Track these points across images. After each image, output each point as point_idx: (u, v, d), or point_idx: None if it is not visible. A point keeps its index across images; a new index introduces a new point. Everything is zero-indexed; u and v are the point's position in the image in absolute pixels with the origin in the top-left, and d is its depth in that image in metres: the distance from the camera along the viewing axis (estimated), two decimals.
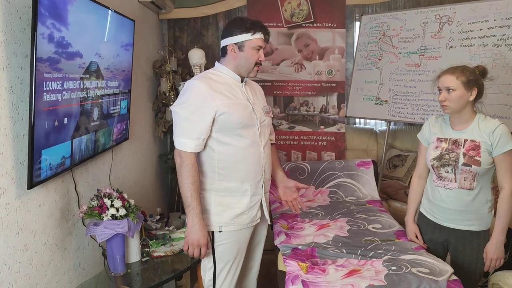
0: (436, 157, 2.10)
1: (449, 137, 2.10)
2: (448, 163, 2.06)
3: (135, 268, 2.34)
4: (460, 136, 2.07)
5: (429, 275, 1.91)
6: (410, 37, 3.60)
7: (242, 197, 2.03)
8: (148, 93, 3.78)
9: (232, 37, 2.00)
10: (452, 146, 2.07)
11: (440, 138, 2.13)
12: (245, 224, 2.06)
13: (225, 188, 2.01)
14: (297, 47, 4.07)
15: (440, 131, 2.15)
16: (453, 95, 1.99)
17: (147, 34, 3.80)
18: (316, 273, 2.00)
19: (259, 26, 2.03)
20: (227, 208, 2.02)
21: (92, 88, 2.29)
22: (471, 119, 2.06)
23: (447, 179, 2.08)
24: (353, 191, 3.26)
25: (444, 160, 2.07)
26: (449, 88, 2.00)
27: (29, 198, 1.92)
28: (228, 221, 2.02)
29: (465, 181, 2.03)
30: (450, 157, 2.06)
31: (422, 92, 3.50)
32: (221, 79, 2.02)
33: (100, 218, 2.17)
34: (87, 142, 2.31)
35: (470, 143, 2.03)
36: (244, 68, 2.03)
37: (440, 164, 2.08)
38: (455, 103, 2.00)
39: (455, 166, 2.04)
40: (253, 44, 2.00)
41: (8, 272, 1.78)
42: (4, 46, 1.73)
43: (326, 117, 4.10)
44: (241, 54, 2.00)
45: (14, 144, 1.80)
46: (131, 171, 3.31)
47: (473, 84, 1.99)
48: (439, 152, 2.10)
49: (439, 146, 2.12)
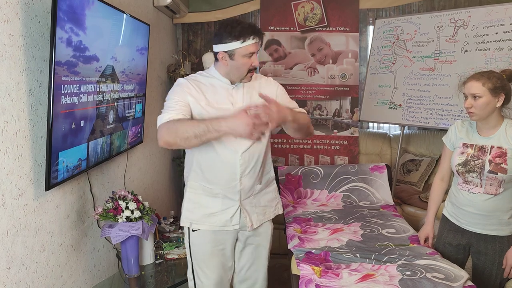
0: (461, 163, 2.07)
1: (475, 143, 2.06)
2: (474, 169, 2.03)
3: (149, 270, 2.36)
4: (487, 143, 2.03)
5: (444, 280, 1.89)
6: (424, 41, 3.59)
7: (214, 198, 1.99)
8: (162, 96, 3.81)
9: (222, 44, 1.82)
10: (478, 152, 2.04)
11: (466, 143, 2.09)
12: (218, 226, 1.99)
13: (198, 186, 2.00)
14: (310, 51, 4.07)
15: (466, 136, 2.11)
16: (479, 102, 1.95)
17: (162, 38, 3.83)
18: (329, 277, 1.99)
19: (249, 31, 1.80)
20: (199, 206, 2.00)
21: (108, 91, 2.32)
22: (498, 124, 2.02)
23: (473, 183, 2.05)
24: (366, 196, 3.24)
25: (469, 166, 2.04)
26: (475, 95, 1.96)
27: (46, 199, 1.95)
28: (199, 219, 1.99)
29: (491, 187, 2.00)
30: (475, 163, 2.03)
31: (436, 96, 3.47)
32: (207, 81, 1.93)
33: (115, 220, 2.19)
34: (103, 144, 2.33)
35: (497, 150, 1.99)
36: (236, 76, 1.90)
37: (465, 170, 2.05)
38: (482, 110, 1.96)
39: (481, 173, 2.01)
40: (244, 51, 1.81)
41: (26, 272, 1.80)
42: (23, 50, 1.76)
43: (340, 121, 4.09)
44: (232, 62, 1.84)
45: (32, 146, 1.83)
46: (145, 174, 3.33)
47: (500, 90, 1.95)
48: (465, 158, 2.07)
49: (464, 152, 2.08)
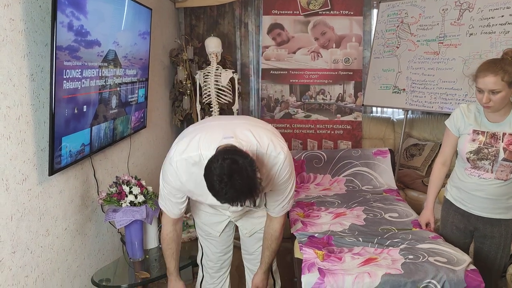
0: (473, 151, 2.03)
1: (486, 130, 2.02)
2: (487, 157, 1.99)
3: (153, 254, 2.38)
4: (498, 129, 1.99)
5: (447, 264, 1.90)
6: (429, 24, 3.54)
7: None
8: (165, 81, 3.81)
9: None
10: (490, 139, 2.00)
11: (476, 130, 2.04)
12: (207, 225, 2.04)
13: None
14: (313, 35, 4.03)
15: (475, 122, 2.05)
16: (498, 96, 1.90)
17: (164, 23, 3.81)
18: (332, 261, 2.00)
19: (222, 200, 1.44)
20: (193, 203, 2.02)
21: (110, 76, 2.31)
22: (508, 110, 1.98)
23: (483, 169, 2.02)
24: (369, 180, 3.24)
25: (482, 154, 2.01)
26: (494, 90, 1.89)
27: (50, 184, 1.96)
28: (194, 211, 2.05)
29: (502, 173, 1.98)
30: (489, 151, 1.99)
31: (440, 81, 3.44)
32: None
33: (119, 204, 2.20)
34: (106, 129, 2.33)
35: (509, 137, 1.96)
36: None
37: (478, 158, 2.02)
38: (501, 103, 1.92)
39: (494, 161, 1.98)
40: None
41: (31, 256, 1.82)
42: (24, 34, 1.75)
43: (343, 106, 4.07)
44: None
45: (35, 131, 1.83)
46: (149, 159, 3.34)
47: None
48: (477, 145, 2.02)
49: (476, 139, 2.03)
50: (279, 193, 1.78)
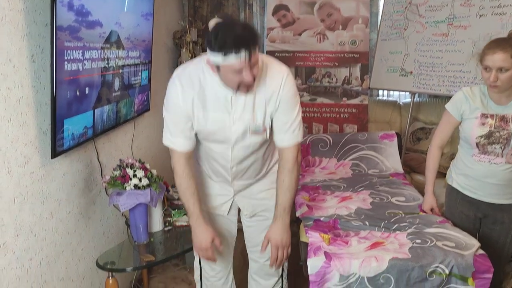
0: (484, 135, 1.97)
1: (494, 113, 1.97)
2: (498, 141, 1.95)
3: (157, 237, 2.37)
4: (507, 112, 1.95)
5: (455, 248, 1.87)
6: (438, 5, 3.47)
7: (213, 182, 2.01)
8: (168, 64, 3.76)
9: (208, 52, 1.54)
10: (500, 122, 1.95)
11: (485, 114, 1.99)
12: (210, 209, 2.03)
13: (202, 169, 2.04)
14: (319, 16, 3.96)
15: (482, 105, 2.00)
16: (506, 74, 1.84)
17: (167, 4, 3.74)
18: (338, 244, 1.98)
19: (231, 44, 1.46)
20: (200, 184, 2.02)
21: (112, 58, 2.27)
22: None
23: (493, 154, 1.98)
24: (376, 164, 3.21)
25: (493, 138, 1.96)
26: (503, 68, 1.83)
27: (53, 167, 1.93)
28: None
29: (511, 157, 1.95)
30: (501, 134, 1.94)
31: (449, 63, 3.38)
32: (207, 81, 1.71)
33: (123, 188, 2.18)
34: (109, 112, 2.30)
35: None
36: (229, 87, 1.65)
37: (488, 142, 1.97)
38: (508, 82, 1.86)
39: (506, 144, 1.93)
40: (227, 68, 1.52)
41: (35, 240, 1.81)
42: (24, 14, 1.71)
43: (349, 89, 4.01)
44: (220, 74, 1.59)
45: (36, 114, 1.80)
46: (153, 142, 3.32)
47: None
48: (488, 129, 1.97)
49: (485, 123, 1.98)
50: (287, 113, 1.77)
